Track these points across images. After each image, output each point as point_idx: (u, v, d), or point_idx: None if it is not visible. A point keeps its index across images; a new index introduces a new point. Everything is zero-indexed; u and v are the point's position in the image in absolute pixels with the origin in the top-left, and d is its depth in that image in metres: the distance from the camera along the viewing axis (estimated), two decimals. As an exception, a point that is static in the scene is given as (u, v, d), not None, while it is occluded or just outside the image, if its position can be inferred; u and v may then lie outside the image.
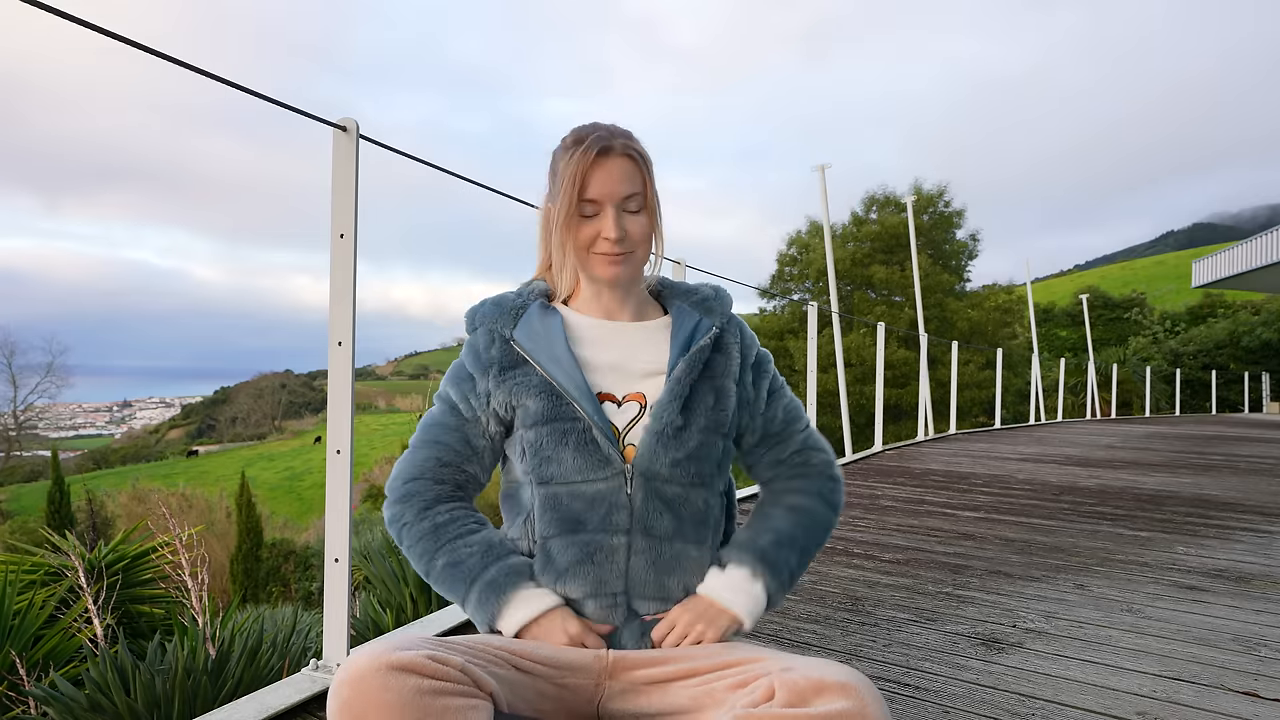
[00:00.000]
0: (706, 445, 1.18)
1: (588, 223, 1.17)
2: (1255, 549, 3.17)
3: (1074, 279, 71.88)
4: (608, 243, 1.16)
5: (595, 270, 1.19)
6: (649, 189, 1.20)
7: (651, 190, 1.20)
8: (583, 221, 1.17)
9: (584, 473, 1.14)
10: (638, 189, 1.17)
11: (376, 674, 0.88)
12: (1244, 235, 18.76)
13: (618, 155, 1.16)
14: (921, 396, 9.04)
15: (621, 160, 1.16)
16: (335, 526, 1.65)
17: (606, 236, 1.16)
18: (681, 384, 1.18)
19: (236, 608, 5.54)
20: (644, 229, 1.19)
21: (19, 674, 3.19)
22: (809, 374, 5.34)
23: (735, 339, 1.26)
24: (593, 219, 1.17)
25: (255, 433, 59.92)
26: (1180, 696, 1.70)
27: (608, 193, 1.15)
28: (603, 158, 1.15)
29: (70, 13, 1.25)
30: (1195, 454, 7.15)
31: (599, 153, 1.15)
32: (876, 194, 23.32)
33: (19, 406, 38.91)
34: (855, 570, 2.71)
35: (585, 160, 1.14)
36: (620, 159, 1.16)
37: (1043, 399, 14.16)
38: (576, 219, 1.17)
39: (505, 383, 1.18)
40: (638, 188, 1.17)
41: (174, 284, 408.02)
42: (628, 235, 1.17)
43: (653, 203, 1.20)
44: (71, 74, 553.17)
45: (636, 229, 1.18)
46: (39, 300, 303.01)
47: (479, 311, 1.24)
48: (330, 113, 1.70)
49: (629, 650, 1.15)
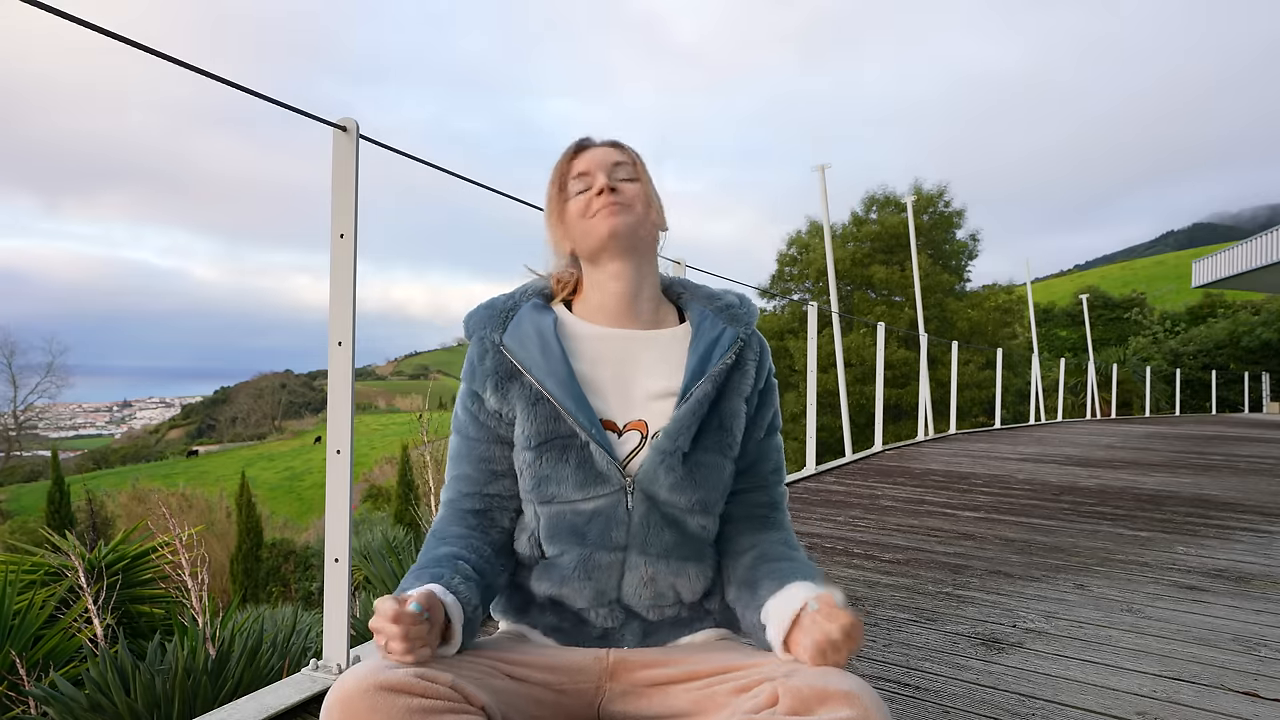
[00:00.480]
0: (713, 468, 1.14)
1: (579, 196, 1.18)
2: (1255, 549, 3.17)
3: (1074, 279, 71.87)
4: (600, 196, 1.15)
5: (595, 232, 1.14)
6: (640, 166, 1.21)
7: (643, 168, 1.22)
8: (574, 198, 1.18)
9: (583, 490, 1.10)
10: (626, 160, 1.19)
11: (365, 695, 0.88)
12: (1244, 235, 18.75)
13: (601, 144, 1.22)
14: (921, 396, 9.04)
15: (605, 146, 1.21)
16: (335, 526, 1.65)
17: (598, 189, 1.15)
18: (700, 405, 1.13)
19: (236, 608, 5.54)
20: (639, 192, 1.18)
21: (19, 674, 3.20)
22: (809, 374, 5.34)
23: (754, 356, 1.20)
24: (584, 192, 1.17)
25: (255, 433, 59.92)
26: (1180, 696, 1.70)
27: (595, 163, 1.18)
28: (586, 144, 1.21)
29: (70, 12, 1.25)
30: (1195, 454, 7.15)
31: (581, 142, 1.22)
32: (876, 194, 23.33)
33: (19, 406, 38.92)
34: (855, 570, 2.71)
35: (570, 150, 1.21)
36: (604, 146, 1.21)
37: (1043, 399, 14.16)
38: (567, 200, 1.19)
39: (504, 398, 1.15)
40: (626, 160, 1.19)
41: (174, 284, 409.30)
42: (621, 190, 1.16)
43: (645, 177, 1.21)
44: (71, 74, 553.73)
45: (631, 189, 1.17)
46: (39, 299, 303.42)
47: (473, 318, 1.19)
48: (331, 112, 1.70)
49: (629, 651, 1.15)
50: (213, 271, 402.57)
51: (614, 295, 1.17)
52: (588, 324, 1.18)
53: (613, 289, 1.17)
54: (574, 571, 1.12)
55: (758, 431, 1.22)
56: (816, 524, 3.51)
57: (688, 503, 1.12)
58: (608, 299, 1.18)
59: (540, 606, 1.19)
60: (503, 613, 1.24)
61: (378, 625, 0.92)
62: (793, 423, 17.15)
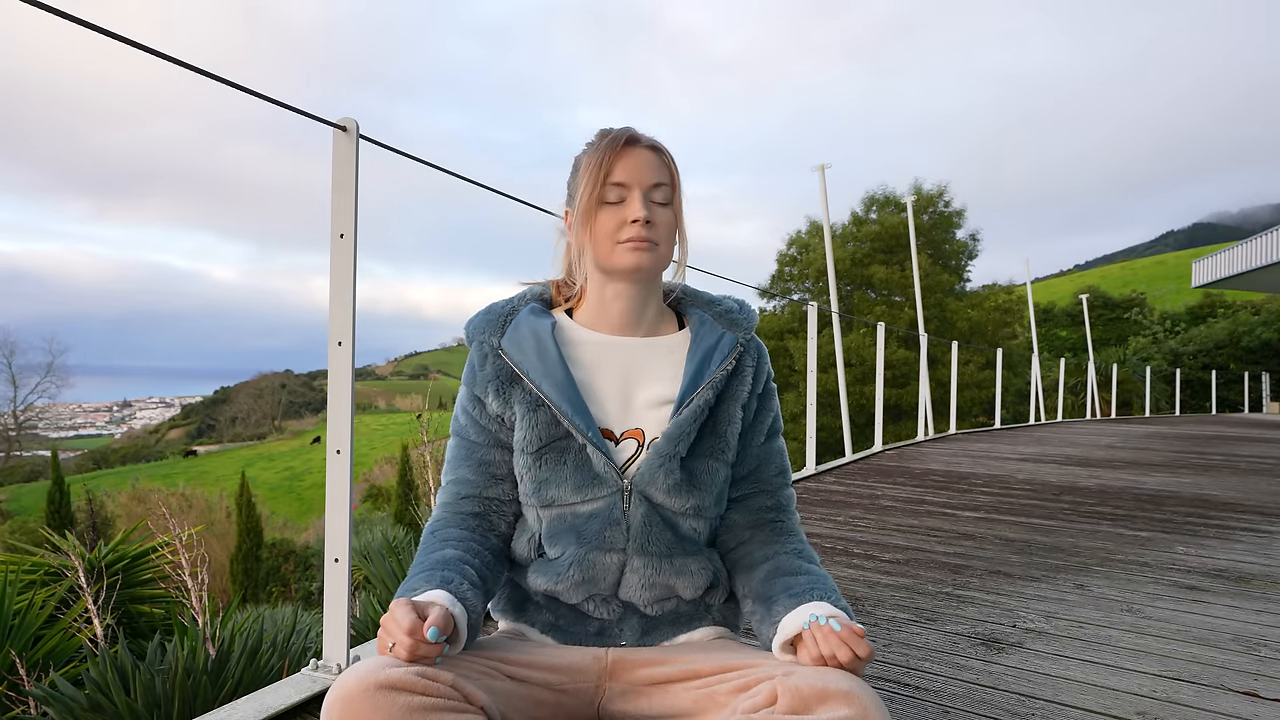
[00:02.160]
0: (709, 473, 1.15)
1: (612, 209, 1.12)
2: (1255, 549, 3.17)
3: (1074, 279, 71.88)
4: (634, 226, 1.10)
5: (618, 261, 1.12)
6: (676, 187, 1.16)
7: (678, 191, 1.17)
8: (606, 209, 1.12)
9: (581, 492, 1.11)
10: (666, 180, 1.14)
11: (365, 694, 0.88)
12: (1244, 235, 18.76)
13: (645, 146, 1.15)
14: (921, 396, 9.04)
15: (649, 151, 1.14)
16: (335, 526, 1.65)
17: (634, 219, 1.10)
18: (699, 412, 1.13)
19: (236, 608, 5.54)
20: (670, 224, 1.15)
21: (19, 674, 3.20)
22: (809, 374, 5.33)
23: (752, 361, 1.20)
24: (618, 205, 1.12)
25: (255, 433, 59.90)
26: (1180, 696, 1.70)
27: (636, 176, 1.12)
28: (631, 146, 1.13)
29: (71, 12, 1.25)
30: (1195, 454, 7.15)
31: (627, 141, 1.13)
32: (876, 194, 23.34)
33: (19, 406, 38.92)
34: (855, 570, 2.71)
35: (613, 147, 1.12)
36: (648, 150, 1.14)
37: (1043, 399, 14.16)
38: (599, 207, 1.12)
39: (506, 403, 1.15)
40: (666, 179, 1.14)
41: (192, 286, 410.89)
42: (655, 223, 1.12)
43: (679, 203, 1.17)
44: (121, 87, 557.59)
45: (664, 221, 1.14)
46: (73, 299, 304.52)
47: (472, 323, 1.20)
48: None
49: (628, 651, 1.15)
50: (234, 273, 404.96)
51: (617, 310, 1.18)
52: (588, 330, 1.19)
53: (617, 305, 1.17)
54: (570, 569, 1.12)
55: (758, 436, 1.22)
56: (816, 524, 3.51)
57: (683, 506, 1.13)
58: (610, 310, 1.18)
59: (537, 605, 1.19)
60: (501, 612, 1.24)
61: (390, 628, 0.93)
62: (793, 423, 17.14)
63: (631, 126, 1.16)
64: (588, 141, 1.18)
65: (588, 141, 1.18)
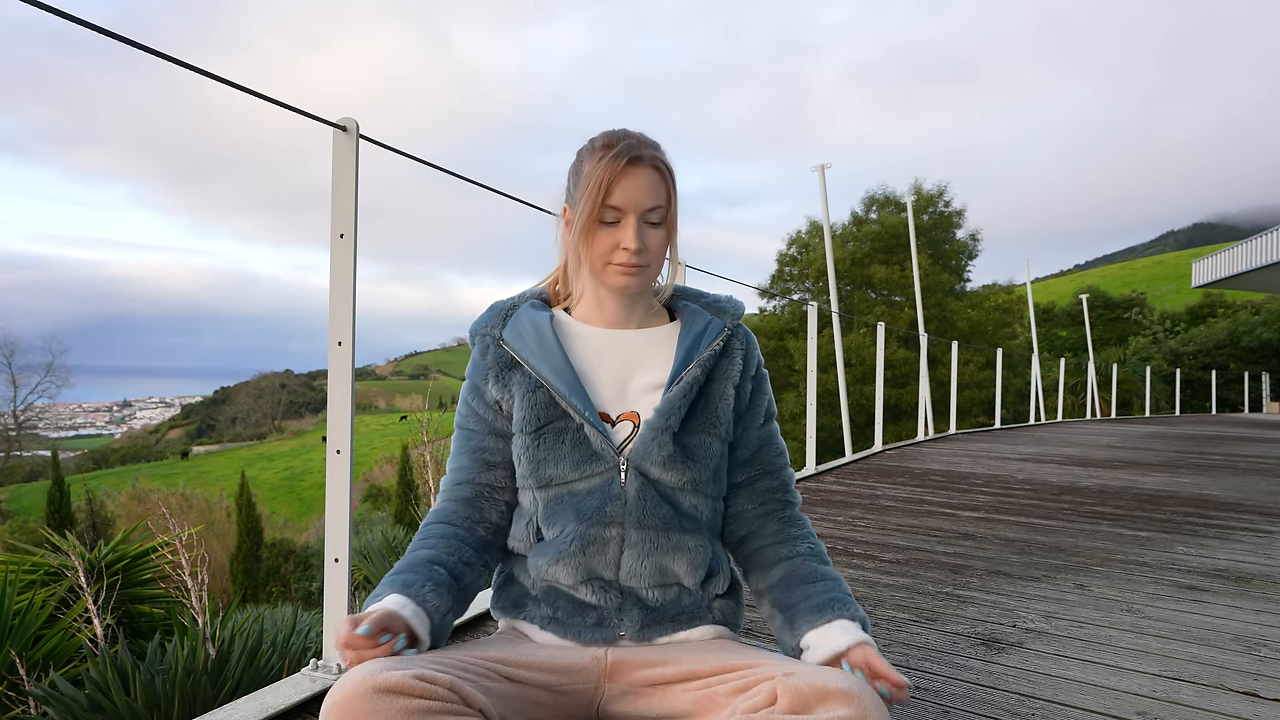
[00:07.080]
0: (703, 447, 1.18)
1: (607, 231, 1.15)
2: (1255, 549, 3.17)
3: (1074, 279, 71.91)
4: (626, 253, 1.15)
5: (608, 280, 1.18)
6: (671, 204, 1.19)
7: (673, 205, 1.19)
8: (602, 229, 1.15)
9: (579, 469, 1.15)
10: (661, 202, 1.16)
11: (363, 698, 0.89)
12: (1244, 235, 18.76)
13: (646, 166, 1.15)
14: (921, 396, 9.04)
15: (649, 171, 1.15)
16: (335, 526, 1.65)
17: (626, 247, 1.14)
18: (690, 389, 1.18)
19: (236, 608, 5.54)
20: (661, 243, 1.19)
21: (19, 674, 3.20)
22: (809, 374, 5.34)
23: (741, 345, 1.25)
24: (613, 227, 1.15)
25: (255, 433, 59.91)
26: (1180, 696, 1.70)
27: (632, 201, 1.14)
28: (632, 166, 1.14)
29: (70, 12, 1.25)
30: (1195, 454, 7.16)
31: (629, 161, 1.13)
32: (876, 194, 23.34)
33: (19, 406, 38.92)
34: (855, 570, 2.71)
35: (614, 167, 1.13)
36: (648, 170, 1.15)
37: (1043, 399, 14.17)
38: (596, 226, 1.15)
39: (504, 387, 1.20)
40: (661, 201, 1.16)
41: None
42: (646, 248, 1.16)
43: (673, 218, 1.20)
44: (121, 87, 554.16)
45: (655, 243, 1.17)
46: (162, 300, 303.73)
47: (476, 322, 1.26)
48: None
49: (628, 651, 1.15)
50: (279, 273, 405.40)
51: (612, 307, 1.24)
52: (583, 324, 1.24)
53: (611, 303, 1.23)
54: (570, 546, 1.14)
55: (756, 419, 1.27)
56: (817, 524, 3.51)
57: (679, 480, 1.16)
58: (605, 307, 1.24)
59: (535, 599, 1.19)
60: (500, 609, 1.24)
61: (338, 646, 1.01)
62: (793, 422, 17.14)
63: (635, 137, 1.17)
64: (592, 138, 1.19)
65: (592, 138, 1.19)
